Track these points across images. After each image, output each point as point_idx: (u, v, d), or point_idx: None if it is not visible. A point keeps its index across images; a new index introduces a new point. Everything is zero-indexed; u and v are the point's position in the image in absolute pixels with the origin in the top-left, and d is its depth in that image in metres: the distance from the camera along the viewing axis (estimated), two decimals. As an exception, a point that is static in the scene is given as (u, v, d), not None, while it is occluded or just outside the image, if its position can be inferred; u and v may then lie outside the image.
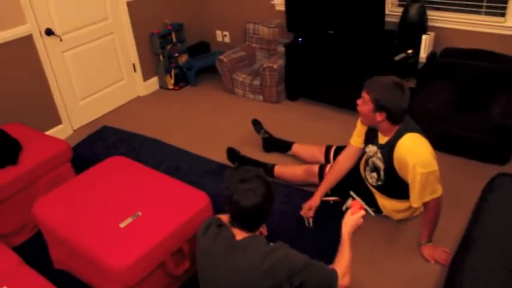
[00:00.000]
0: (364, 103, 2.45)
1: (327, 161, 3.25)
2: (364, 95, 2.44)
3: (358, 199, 2.77)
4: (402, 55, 3.67)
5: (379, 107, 2.39)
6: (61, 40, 3.90)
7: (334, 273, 1.90)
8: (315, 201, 2.88)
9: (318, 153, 3.33)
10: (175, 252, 2.35)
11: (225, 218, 2.02)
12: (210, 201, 2.50)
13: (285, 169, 3.29)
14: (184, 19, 5.06)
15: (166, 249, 2.27)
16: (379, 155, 2.60)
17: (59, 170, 3.07)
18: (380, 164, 2.62)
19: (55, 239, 2.51)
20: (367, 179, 2.85)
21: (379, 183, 2.72)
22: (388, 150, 2.51)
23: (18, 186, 2.82)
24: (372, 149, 2.67)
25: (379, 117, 2.42)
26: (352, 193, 2.86)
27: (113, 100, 4.64)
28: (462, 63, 3.47)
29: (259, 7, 4.76)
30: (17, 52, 3.59)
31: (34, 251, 2.80)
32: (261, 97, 4.54)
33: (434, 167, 2.40)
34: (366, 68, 3.75)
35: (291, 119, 4.16)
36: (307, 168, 3.17)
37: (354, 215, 2.12)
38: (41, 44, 3.74)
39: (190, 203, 2.44)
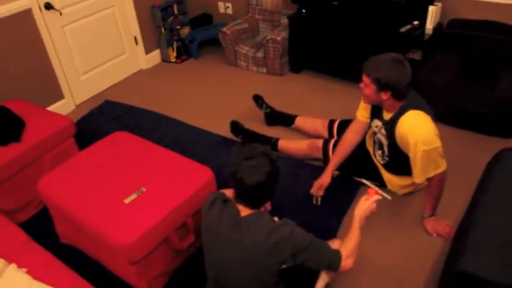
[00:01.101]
0: (367, 86, 2.42)
1: (331, 135, 3.23)
2: (365, 78, 2.41)
3: (373, 186, 2.61)
4: (408, 27, 3.60)
5: (382, 86, 2.35)
6: (61, 14, 3.84)
7: (337, 254, 1.89)
8: (325, 180, 2.84)
9: (321, 128, 3.32)
10: (179, 227, 2.37)
11: (229, 192, 2.02)
12: (214, 176, 2.50)
13: (289, 143, 3.28)
14: (186, -10, 4.98)
15: (170, 224, 2.28)
16: (383, 130, 2.59)
17: (63, 146, 3.07)
18: (384, 140, 2.62)
19: (60, 215, 2.53)
20: (375, 156, 2.84)
21: (386, 159, 2.71)
22: (390, 127, 2.51)
23: (22, 163, 2.83)
24: (377, 123, 2.65)
25: (385, 96, 2.39)
26: (366, 181, 2.82)
27: (115, 74, 4.60)
28: (469, 34, 3.40)
29: (262, -23, 4.67)
30: (16, 27, 3.54)
31: (40, 226, 2.83)
32: (264, 69, 4.50)
33: (436, 143, 2.38)
34: (371, 40, 3.69)
35: (295, 92, 4.13)
36: (311, 142, 3.17)
37: (366, 201, 2.09)
38: (41, 18, 3.68)
39: (194, 177, 2.44)
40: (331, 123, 3.26)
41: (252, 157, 1.82)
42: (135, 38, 4.65)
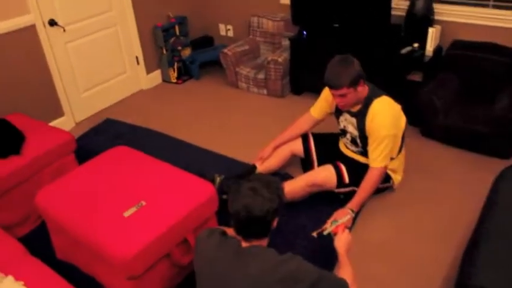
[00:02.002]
0: (345, 95, 2.58)
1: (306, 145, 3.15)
2: (340, 91, 2.56)
3: (340, 222, 2.46)
4: (408, 48, 3.64)
5: (356, 82, 2.55)
6: (64, 31, 3.87)
7: (345, 284, 1.86)
8: (266, 151, 3.11)
9: (293, 146, 3.17)
10: (180, 242, 2.33)
11: (228, 230, 2.00)
12: (216, 192, 2.47)
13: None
14: (188, 12, 5.03)
15: (171, 239, 2.24)
16: (354, 121, 2.74)
17: (63, 161, 3.05)
18: (355, 132, 2.76)
19: (58, 229, 2.49)
20: (348, 149, 2.95)
21: (361, 149, 2.83)
22: (361, 117, 2.68)
23: (21, 176, 2.80)
24: (345, 117, 2.82)
25: (361, 87, 2.60)
26: (331, 220, 2.53)
27: (116, 93, 4.61)
28: (470, 55, 3.43)
29: (264, 0, 4.73)
30: (20, 42, 3.56)
31: (37, 241, 2.78)
32: (265, 91, 4.51)
33: (397, 130, 2.65)
34: (372, 62, 3.72)
35: (296, 113, 4.11)
36: (306, 177, 2.86)
37: (342, 235, 2.18)
38: (44, 34, 3.71)
39: (195, 193, 2.41)
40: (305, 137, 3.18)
41: (256, 187, 1.79)
42: (137, 58, 4.68)
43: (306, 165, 3.15)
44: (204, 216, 2.42)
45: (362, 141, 2.78)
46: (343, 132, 2.92)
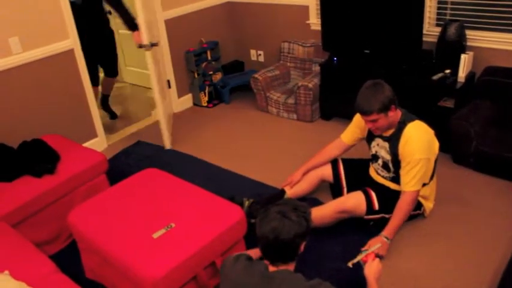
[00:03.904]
0: (377, 121, 2.60)
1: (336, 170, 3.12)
2: (371, 117, 2.59)
3: (370, 251, 2.49)
4: (440, 75, 3.61)
5: (387, 107, 2.56)
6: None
7: None
8: (295, 176, 3.11)
9: (322, 174, 3.15)
10: (207, 265, 2.33)
11: (253, 253, 1.99)
12: (245, 216, 2.47)
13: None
14: (220, 38, 5.13)
15: (199, 262, 2.25)
16: (387, 146, 2.74)
17: (95, 181, 3.11)
18: (387, 156, 2.74)
19: (88, 248, 2.53)
20: (379, 175, 2.91)
21: (392, 174, 2.80)
22: (394, 141, 2.68)
23: (55, 195, 2.87)
24: (378, 141, 2.82)
25: (392, 112, 2.60)
26: (364, 248, 2.60)
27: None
28: (503, 81, 3.37)
29: (294, 26, 4.78)
30: (58, 66, 3.69)
31: (67, 260, 2.82)
32: (295, 116, 4.53)
33: (431, 155, 2.62)
34: (403, 88, 3.70)
35: (325, 139, 4.10)
36: (335, 203, 2.80)
37: (372, 263, 2.19)
38: (81, 58, 3.83)
39: (224, 216, 2.42)
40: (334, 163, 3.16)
41: (282, 212, 1.79)
42: (168, 81, 4.77)
43: (335, 190, 3.12)
44: (232, 239, 2.42)
45: (394, 166, 2.75)
46: (375, 157, 2.90)
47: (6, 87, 3.42)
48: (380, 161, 2.85)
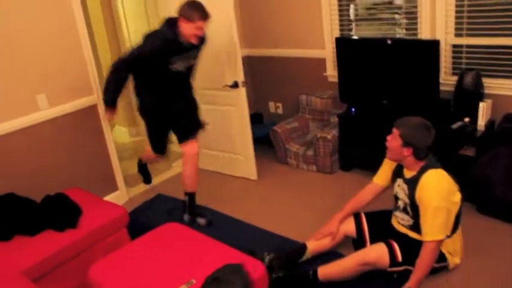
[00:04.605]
0: (394, 138, 2.68)
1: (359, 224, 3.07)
2: (394, 130, 2.68)
3: None
4: (459, 123, 3.60)
5: (406, 142, 2.61)
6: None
7: None
8: (333, 226, 3.03)
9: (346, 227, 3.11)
10: (228, 321, 2.28)
11: None
12: (266, 271, 2.44)
13: (331, 267, 2.83)
14: (239, 91, 5.23)
15: (220, 317, 2.20)
16: (406, 188, 2.73)
17: (116, 235, 3.11)
18: (406, 199, 2.72)
19: (109, 303, 2.50)
20: (400, 223, 2.87)
21: (411, 220, 2.75)
22: (413, 184, 2.67)
23: (76, 250, 2.88)
24: (399, 182, 2.82)
25: (406, 152, 2.64)
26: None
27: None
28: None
29: (312, 79, 4.87)
30: (82, 121, 3.81)
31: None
32: (314, 167, 4.53)
33: (449, 204, 2.57)
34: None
35: (345, 189, 4.09)
36: (357, 256, 2.77)
37: None
38: (103, 113, 3.92)
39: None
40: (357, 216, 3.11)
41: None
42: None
43: (358, 245, 3.05)
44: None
45: (412, 210, 2.71)
46: (396, 199, 2.88)
47: (32, 142, 3.53)
48: (400, 203, 2.82)
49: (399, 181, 2.82)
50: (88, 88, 3.80)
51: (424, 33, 3.91)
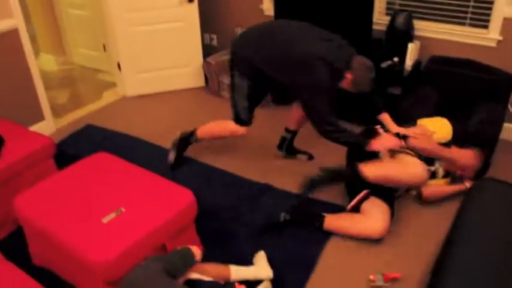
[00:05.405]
0: None
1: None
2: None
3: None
4: (388, 62, 3.71)
5: None
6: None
7: None
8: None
9: None
10: (158, 248, 2.33)
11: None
12: (195, 199, 2.49)
13: (339, 219, 2.86)
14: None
15: (149, 245, 2.25)
16: None
17: (42, 166, 3.03)
18: None
19: (36, 234, 2.48)
20: None
21: None
22: None
23: (-1, 180, 2.78)
24: None
25: None
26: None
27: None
28: (446, 70, 3.51)
29: (248, 11, 4.78)
30: (2, 46, 3.55)
31: (14, 247, 2.75)
32: (247, 101, 4.54)
33: None
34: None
35: (276, 123, 4.17)
36: (359, 226, 2.78)
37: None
38: (26, 38, 3.69)
39: (174, 200, 2.43)
40: None
41: None
42: (119, 64, 4.67)
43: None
44: (182, 223, 2.44)
45: None
46: None
47: None
48: None
49: None
50: (6, 10, 3.51)
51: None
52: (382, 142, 2.89)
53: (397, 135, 2.97)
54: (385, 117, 3.14)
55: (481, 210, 2.25)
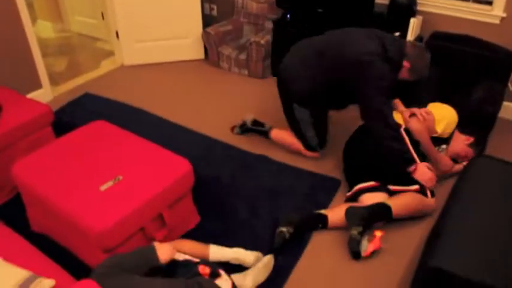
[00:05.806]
0: None
1: None
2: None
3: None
4: (389, 37, 3.68)
5: None
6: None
7: None
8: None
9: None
10: (155, 217, 2.36)
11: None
12: (192, 168, 2.50)
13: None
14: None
15: (146, 213, 2.27)
16: None
17: (40, 133, 3.02)
18: None
19: (34, 200, 2.49)
20: None
21: None
22: None
23: (-3, 146, 2.78)
24: None
25: None
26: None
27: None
28: (448, 46, 3.49)
29: (249, -19, 4.71)
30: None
31: (12, 213, 2.77)
32: (246, 71, 4.52)
33: None
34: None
35: (275, 95, 4.15)
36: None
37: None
38: (23, 4, 3.63)
39: (172, 169, 2.44)
40: None
41: None
42: (117, 32, 4.62)
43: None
44: (179, 192, 2.46)
45: None
46: None
47: None
48: None
49: None
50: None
51: None
52: (420, 174, 2.75)
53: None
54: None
55: (476, 185, 2.27)
